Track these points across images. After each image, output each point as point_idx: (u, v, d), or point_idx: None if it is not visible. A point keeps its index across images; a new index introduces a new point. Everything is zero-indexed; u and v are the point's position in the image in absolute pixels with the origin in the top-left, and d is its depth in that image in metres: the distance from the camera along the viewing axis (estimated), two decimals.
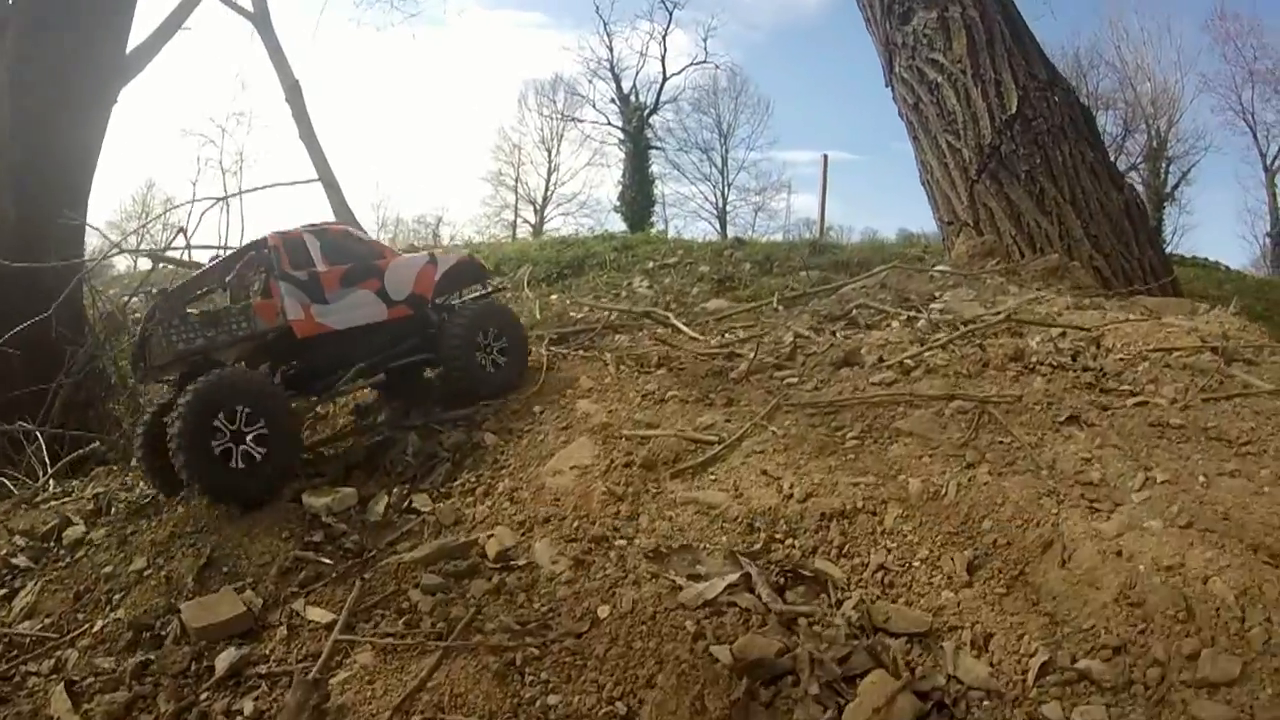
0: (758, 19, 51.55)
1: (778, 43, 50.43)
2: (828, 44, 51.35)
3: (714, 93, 35.30)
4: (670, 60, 38.60)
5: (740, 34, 56.33)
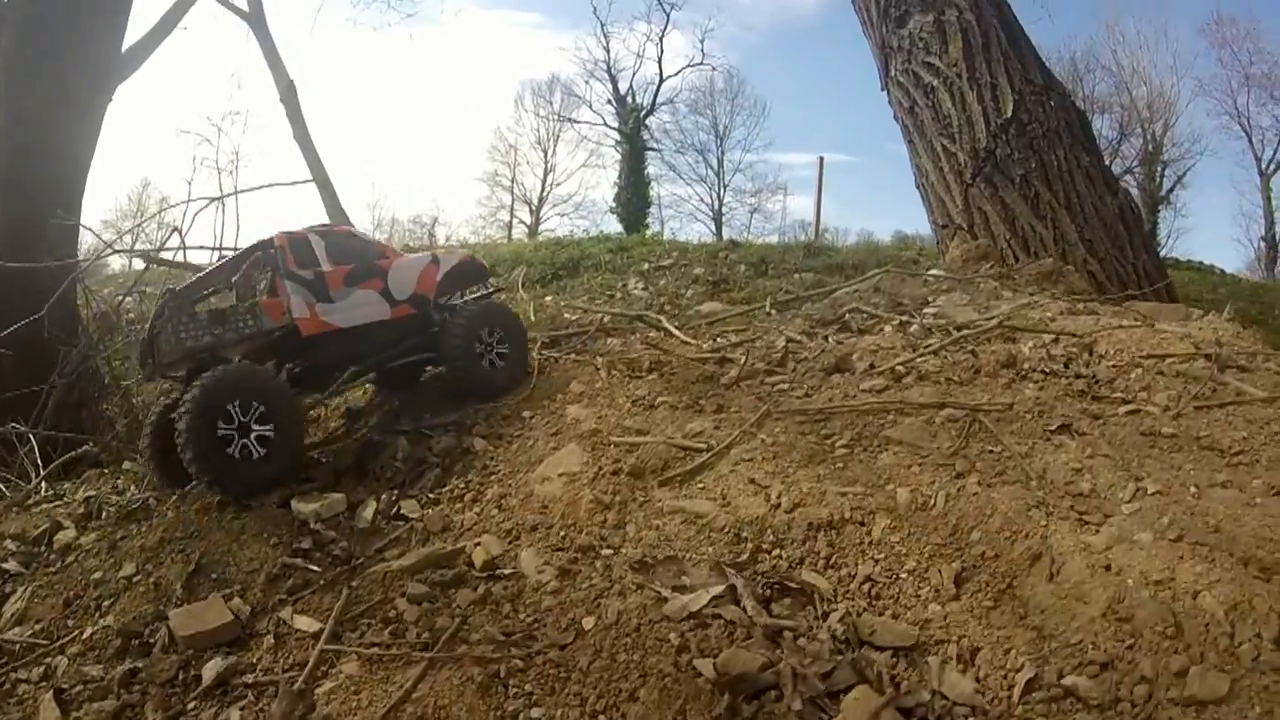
0: (754, 20, 51.46)
1: (774, 44, 50.50)
2: (824, 46, 51.48)
3: (710, 94, 35.19)
4: (667, 61, 38.71)
5: (737, 35, 56.46)
